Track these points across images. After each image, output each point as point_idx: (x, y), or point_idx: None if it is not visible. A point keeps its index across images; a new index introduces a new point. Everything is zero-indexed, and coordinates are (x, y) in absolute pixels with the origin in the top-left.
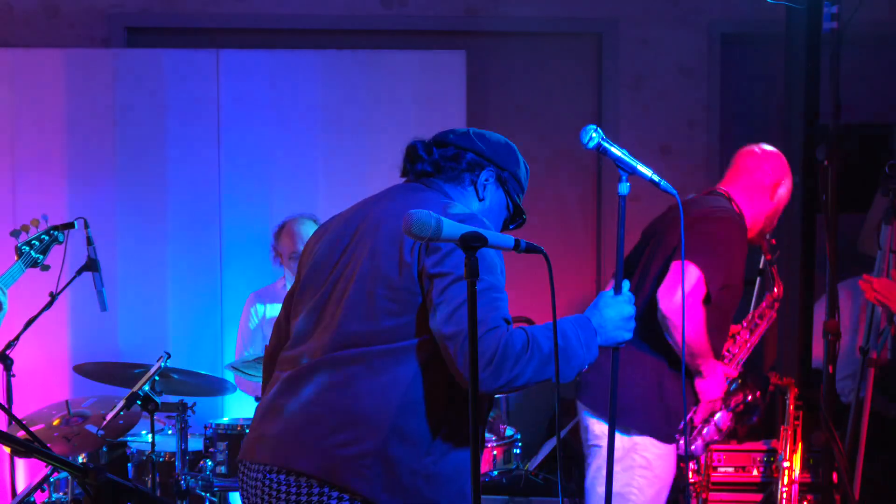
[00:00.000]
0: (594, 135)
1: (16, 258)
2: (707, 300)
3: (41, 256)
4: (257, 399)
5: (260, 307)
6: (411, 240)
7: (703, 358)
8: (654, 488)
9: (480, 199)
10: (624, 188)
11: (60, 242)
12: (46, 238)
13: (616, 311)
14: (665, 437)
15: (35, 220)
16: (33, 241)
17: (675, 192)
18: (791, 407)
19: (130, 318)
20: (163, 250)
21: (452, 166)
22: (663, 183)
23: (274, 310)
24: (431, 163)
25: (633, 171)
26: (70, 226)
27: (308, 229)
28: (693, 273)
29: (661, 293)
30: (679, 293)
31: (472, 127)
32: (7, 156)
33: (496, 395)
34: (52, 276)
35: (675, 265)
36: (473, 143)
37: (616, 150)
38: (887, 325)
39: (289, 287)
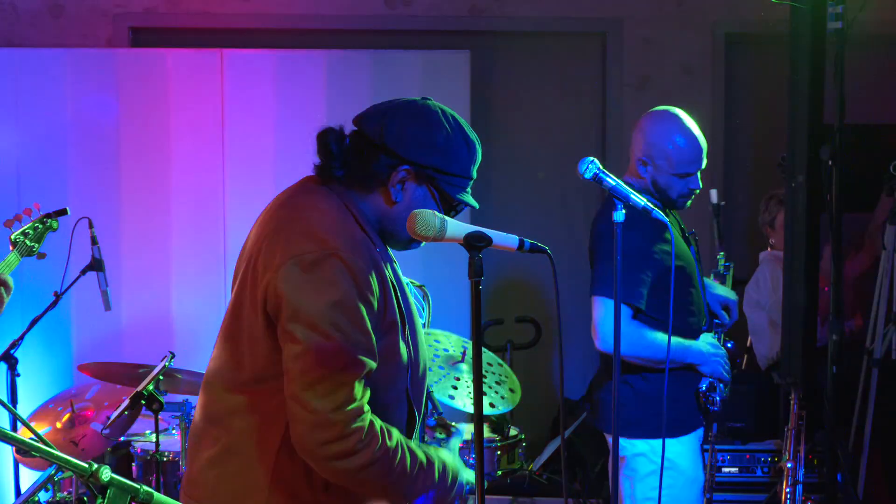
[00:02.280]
0: (590, 166)
1: (11, 248)
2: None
3: (36, 245)
4: None
5: None
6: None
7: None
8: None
9: (394, 202)
10: (619, 216)
11: (55, 229)
12: (40, 226)
13: None
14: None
15: (28, 210)
16: (27, 230)
17: (665, 220)
18: (794, 407)
19: (135, 317)
20: (167, 250)
21: (359, 169)
22: (655, 212)
23: None
24: (339, 162)
25: (626, 200)
26: (63, 212)
27: None
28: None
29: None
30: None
31: (416, 101)
32: (12, 155)
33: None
34: (56, 276)
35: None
36: (386, 137)
37: (611, 181)
38: (892, 325)
39: None
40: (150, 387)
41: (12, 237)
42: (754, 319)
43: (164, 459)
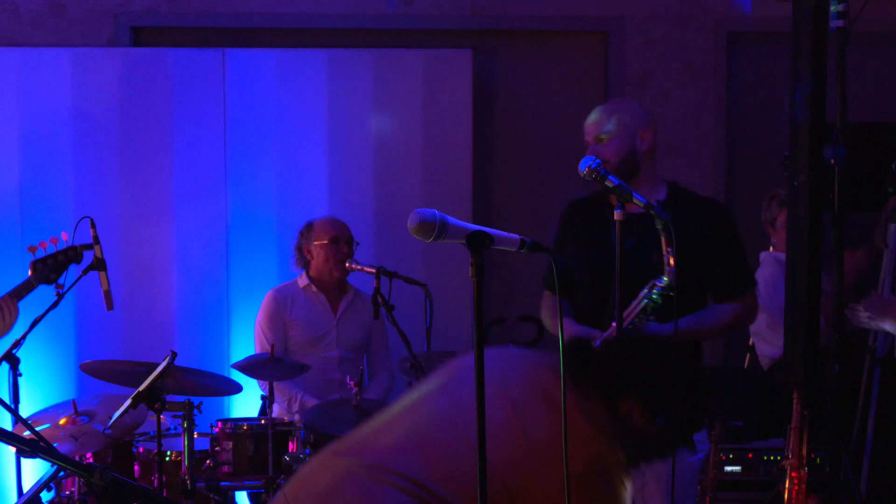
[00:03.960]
0: (592, 165)
1: (30, 273)
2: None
3: (54, 275)
4: (263, 398)
5: (283, 305)
6: None
7: None
8: None
9: None
10: (620, 215)
11: (79, 263)
12: (63, 258)
13: None
14: None
15: (55, 238)
16: (49, 259)
17: (668, 217)
18: (797, 405)
19: (136, 317)
20: (169, 249)
21: None
22: (656, 209)
23: (297, 309)
24: None
25: (629, 199)
26: (90, 247)
27: (338, 220)
28: None
29: None
30: None
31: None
32: (14, 155)
33: None
34: None
35: None
36: None
37: (612, 180)
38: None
39: (306, 285)
40: (153, 386)
41: (33, 262)
42: (757, 321)
43: (166, 459)
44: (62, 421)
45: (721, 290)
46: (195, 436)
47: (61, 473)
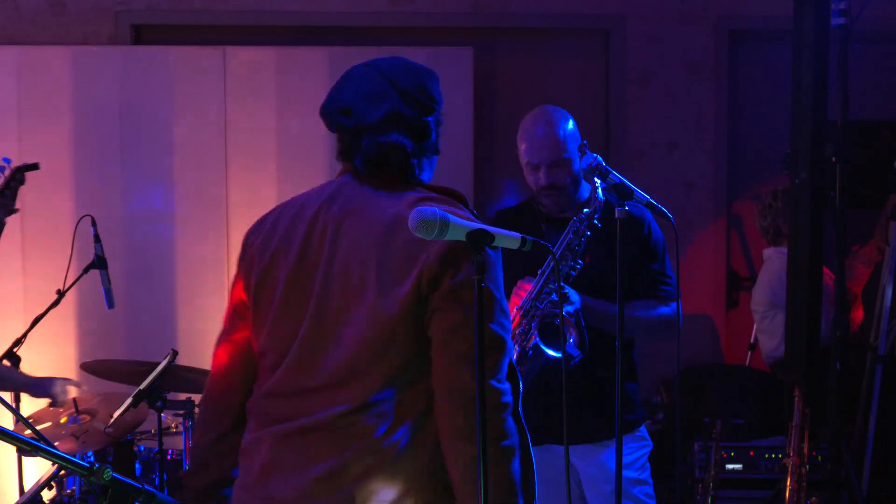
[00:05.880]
0: (593, 163)
1: None
2: None
3: (12, 202)
4: None
5: None
6: None
7: None
8: None
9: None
10: (621, 213)
11: (23, 183)
12: (14, 183)
13: None
14: None
15: None
16: (5, 191)
17: (671, 216)
18: (798, 403)
19: (138, 315)
20: (170, 247)
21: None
22: (657, 205)
23: None
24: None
25: (631, 196)
26: (34, 166)
27: None
28: None
29: None
30: None
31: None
32: (14, 153)
33: None
34: (59, 274)
35: None
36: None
37: (615, 177)
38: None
39: None
40: (154, 385)
41: None
42: (769, 319)
43: (167, 458)
44: (63, 419)
45: (647, 292)
46: None
47: (62, 472)
